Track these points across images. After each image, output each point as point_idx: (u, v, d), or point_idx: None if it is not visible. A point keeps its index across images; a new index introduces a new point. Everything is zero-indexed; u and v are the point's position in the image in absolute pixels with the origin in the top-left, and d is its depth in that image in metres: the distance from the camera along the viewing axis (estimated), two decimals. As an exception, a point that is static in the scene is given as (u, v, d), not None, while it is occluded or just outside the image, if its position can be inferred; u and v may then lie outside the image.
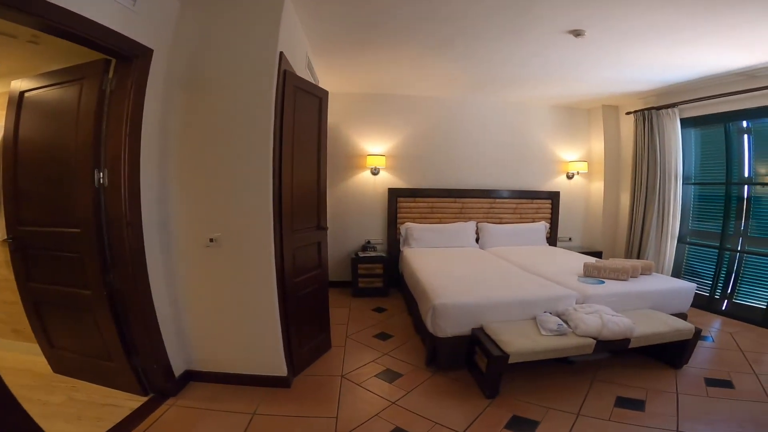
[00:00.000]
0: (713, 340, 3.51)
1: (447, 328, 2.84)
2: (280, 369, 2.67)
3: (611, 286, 3.22)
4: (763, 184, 4.06)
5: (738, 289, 4.17)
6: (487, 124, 5.31)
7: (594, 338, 2.62)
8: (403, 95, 5.12)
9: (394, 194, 5.08)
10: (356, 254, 4.85)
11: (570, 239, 5.61)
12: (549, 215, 5.41)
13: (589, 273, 3.53)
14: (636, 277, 3.48)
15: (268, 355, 2.66)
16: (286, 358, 2.68)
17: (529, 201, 5.34)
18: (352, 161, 5.10)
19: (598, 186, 5.46)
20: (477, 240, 5.10)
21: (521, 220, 5.31)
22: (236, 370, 2.69)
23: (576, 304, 3.02)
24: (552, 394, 2.59)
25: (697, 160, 4.72)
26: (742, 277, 4.16)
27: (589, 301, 3.04)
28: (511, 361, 2.48)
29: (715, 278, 4.35)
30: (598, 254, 5.19)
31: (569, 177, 5.53)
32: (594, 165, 5.53)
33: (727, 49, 3.30)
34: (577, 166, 5.37)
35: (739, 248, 4.20)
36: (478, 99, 5.23)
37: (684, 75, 4.09)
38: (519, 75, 4.23)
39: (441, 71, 4.26)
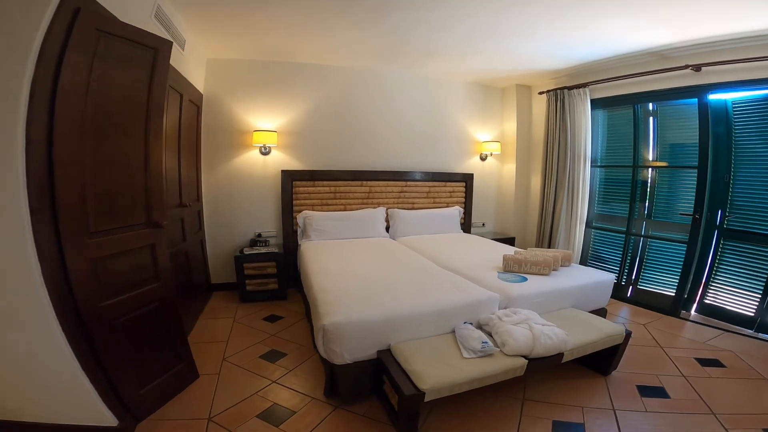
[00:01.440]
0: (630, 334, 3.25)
1: (344, 353, 2.07)
2: (103, 417, 1.82)
3: (535, 284, 2.72)
4: (663, 168, 3.94)
5: (642, 275, 4.06)
6: (400, 98, 4.56)
7: (525, 356, 2.04)
8: (303, 64, 4.13)
9: (290, 177, 4.12)
10: (241, 251, 3.82)
11: (483, 224, 5.20)
12: (463, 199, 4.91)
13: (509, 267, 3.01)
14: (557, 269, 3.05)
15: (79, 401, 1.77)
16: (107, 401, 1.82)
17: (443, 184, 4.77)
18: (237, 139, 4.01)
19: (510, 168, 5.09)
20: (388, 229, 4.41)
21: (435, 205, 4.73)
22: (38, 418, 1.76)
23: (499, 309, 2.45)
24: (480, 425, 2.00)
25: (604, 143, 4.52)
26: (646, 262, 4.05)
27: (514, 304, 2.49)
28: (427, 398, 1.79)
29: (622, 264, 4.21)
30: (510, 241, 4.85)
31: (482, 158, 5.08)
32: (506, 146, 5.15)
33: (650, 24, 2.94)
34: (491, 147, 4.92)
35: (643, 232, 4.07)
36: (392, 70, 4.44)
37: (598, 53, 3.76)
38: (437, 42, 3.53)
39: (348, 37, 3.43)
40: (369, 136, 4.46)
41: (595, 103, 4.36)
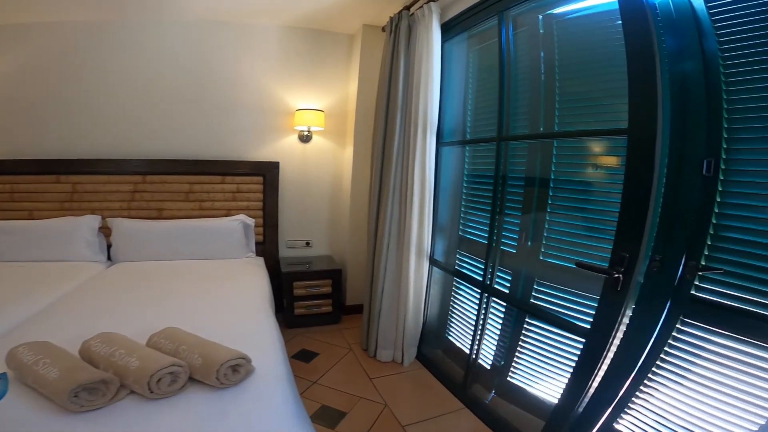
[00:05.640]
0: None
1: None
2: None
3: None
4: (550, 139, 1.69)
5: (514, 367, 1.88)
6: (153, 57, 2.75)
7: None
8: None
9: (-63, 168, 2.62)
10: None
11: (308, 244, 3.21)
12: (260, 203, 2.99)
13: (15, 364, 1.15)
14: (152, 395, 1.08)
15: None
16: None
17: (220, 179, 2.89)
18: None
19: (351, 154, 3.04)
20: (110, 248, 2.70)
21: (201, 212, 2.88)
22: None
23: None
24: None
25: (467, 102, 2.31)
26: (520, 347, 1.85)
27: None
28: None
29: (474, 343, 2.03)
30: (336, 275, 2.84)
31: (304, 138, 3.09)
32: (346, 120, 3.11)
33: None
34: (307, 119, 2.92)
35: (521, 287, 1.85)
36: (141, 22, 2.70)
37: None
38: None
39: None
40: (85, 111, 2.72)
41: (450, 30, 2.22)
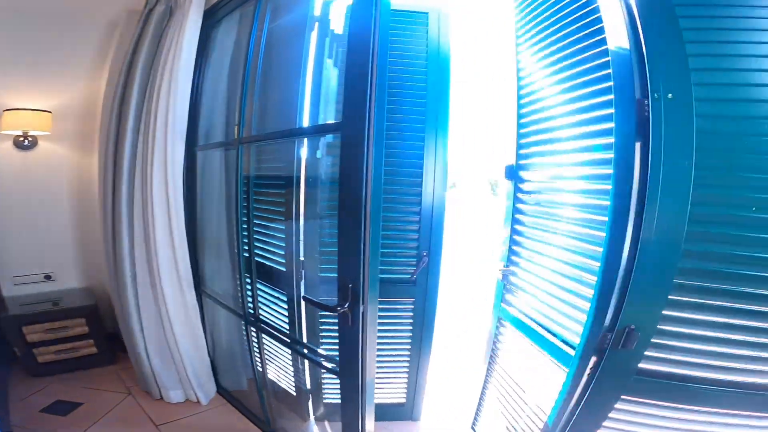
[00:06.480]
0: None
1: None
2: None
3: None
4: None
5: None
6: None
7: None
8: None
9: None
10: None
11: (49, 277, 2.58)
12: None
13: None
14: None
15: None
16: None
17: None
18: None
19: (96, 163, 2.54)
20: None
21: None
22: None
23: None
24: None
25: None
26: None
27: None
28: None
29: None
30: (92, 311, 2.30)
31: (23, 145, 2.44)
32: (84, 121, 2.59)
33: None
34: (24, 121, 2.29)
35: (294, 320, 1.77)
36: None
37: None
38: None
39: None
40: None
41: (217, 14, 2.01)
